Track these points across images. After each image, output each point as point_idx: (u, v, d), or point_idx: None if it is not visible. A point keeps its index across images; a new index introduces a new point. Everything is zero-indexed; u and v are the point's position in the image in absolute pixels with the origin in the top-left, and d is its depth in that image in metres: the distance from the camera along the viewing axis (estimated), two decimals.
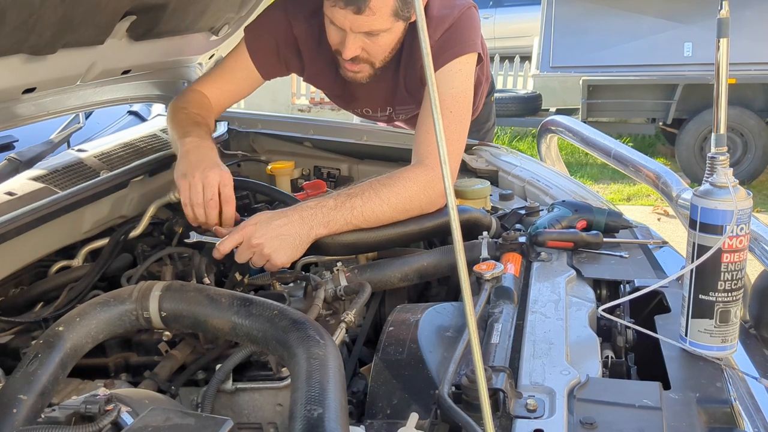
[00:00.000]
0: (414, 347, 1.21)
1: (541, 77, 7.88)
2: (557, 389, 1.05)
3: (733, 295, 1.15)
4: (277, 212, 1.53)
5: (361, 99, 2.12)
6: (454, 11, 1.81)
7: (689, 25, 6.97)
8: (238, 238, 1.48)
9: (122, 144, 1.99)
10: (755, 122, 6.98)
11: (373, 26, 1.69)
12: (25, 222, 1.45)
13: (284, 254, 1.48)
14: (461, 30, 1.80)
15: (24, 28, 1.31)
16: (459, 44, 1.78)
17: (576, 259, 1.56)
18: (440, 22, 1.78)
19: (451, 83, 1.76)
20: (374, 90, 2.00)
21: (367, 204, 1.57)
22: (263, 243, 1.47)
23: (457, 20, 1.80)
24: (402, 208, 1.61)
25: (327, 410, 0.92)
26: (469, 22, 1.82)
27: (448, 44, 1.77)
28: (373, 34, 1.72)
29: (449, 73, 1.76)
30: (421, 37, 0.71)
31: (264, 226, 1.48)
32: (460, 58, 1.77)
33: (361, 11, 1.64)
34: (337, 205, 1.55)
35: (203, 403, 1.20)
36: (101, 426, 0.88)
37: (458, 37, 1.79)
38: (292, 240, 1.49)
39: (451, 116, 1.73)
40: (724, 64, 1.13)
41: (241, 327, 1.19)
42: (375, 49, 1.76)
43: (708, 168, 1.16)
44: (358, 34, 1.71)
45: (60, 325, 1.17)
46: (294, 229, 1.49)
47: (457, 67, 1.77)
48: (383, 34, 1.72)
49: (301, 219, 1.51)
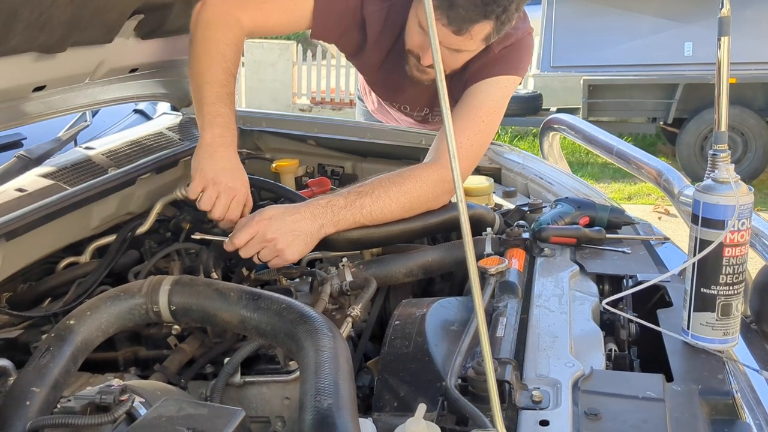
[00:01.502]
0: (420, 340, 1.23)
1: (542, 77, 7.89)
2: (562, 381, 1.07)
3: (735, 289, 1.16)
4: (289, 208, 1.55)
5: (404, 95, 2.15)
6: (518, 32, 1.86)
7: (690, 24, 6.99)
8: (252, 232, 1.49)
9: (129, 142, 2.01)
10: (755, 121, 6.99)
11: (464, 47, 1.72)
12: (35, 218, 1.46)
13: (296, 250, 1.50)
14: (519, 51, 1.87)
15: (35, 26, 1.33)
16: (513, 63, 1.84)
17: (579, 255, 1.58)
18: (504, 38, 1.81)
19: (493, 96, 1.81)
20: (420, 90, 2.04)
21: (377, 203, 1.59)
22: (277, 238, 1.48)
23: (518, 41, 1.86)
24: (410, 206, 1.63)
25: (337, 401, 0.94)
26: (527, 47, 1.90)
27: (504, 59, 1.83)
28: (459, 51, 1.75)
29: (495, 86, 1.81)
30: (432, 41, 0.73)
31: (278, 222, 1.50)
32: (509, 76, 1.83)
33: (460, 33, 1.67)
34: (347, 204, 1.57)
35: (212, 397, 1.22)
36: (116, 416, 0.89)
37: (514, 57, 1.85)
38: (304, 236, 1.51)
39: (482, 125, 1.77)
40: (725, 62, 1.15)
41: (249, 320, 1.20)
42: (453, 62, 1.79)
43: (710, 164, 1.17)
44: (448, 49, 1.73)
45: (71, 318, 1.19)
46: (306, 225, 1.51)
47: (504, 83, 1.82)
48: (467, 53, 1.76)
49: (313, 216, 1.53)
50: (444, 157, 1.69)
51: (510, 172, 2.26)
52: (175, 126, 2.26)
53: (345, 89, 10.68)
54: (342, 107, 10.69)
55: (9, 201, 1.50)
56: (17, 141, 1.85)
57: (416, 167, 1.70)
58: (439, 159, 1.71)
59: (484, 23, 1.65)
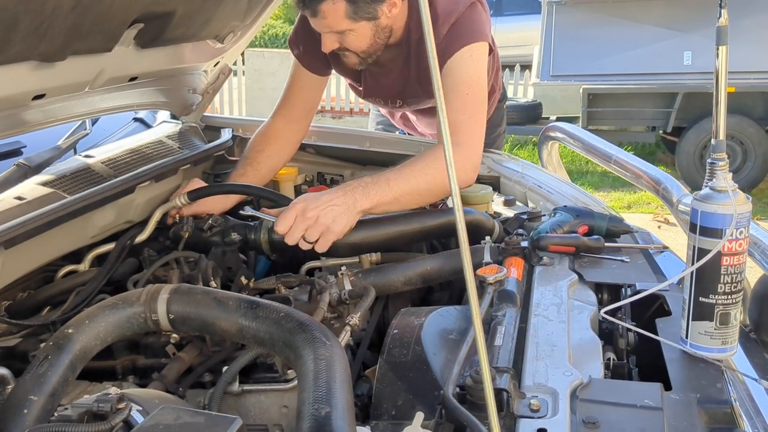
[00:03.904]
0: (418, 349, 1.23)
1: (542, 86, 7.90)
2: (560, 390, 1.07)
3: (733, 298, 1.16)
4: (320, 192, 1.63)
5: (373, 90, 2.22)
6: (459, 6, 1.91)
7: (689, 33, 7.00)
8: (292, 214, 1.56)
9: (128, 150, 2.01)
10: (755, 130, 6.99)
11: (331, 27, 1.82)
12: (34, 226, 1.46)
13: (340, 222, 1.58)
14: (468, 22, 1.91)
15: (35, 35, 1.33)
16: (467, 34, 1.89)
17: (578, 264, 1.58)
18: (446, 18, 1.88)
19: (463, 69, 1.87)
20: (385, 82, 2.13)
21: (401, 178, 1.68)
22: (319, 214, 1.55)
23: (462, 15, 1.90)
24: (434, 180, 1.70)
25: (334, 409, 0.94)
26: (475, 16, 1.93)
27: (455, 36, 1.88)
28: (341, 32, 1.83)
29: (460, 60, 1.87)
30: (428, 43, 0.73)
31: (315, 201, 1.58)
32: (469, 46, 1.88)
33: (315, 15, 1.79)
34: (374, 181, 1.66)
35: (210, 405, 1.22)
36: (113, 424, 0.89)
37: (465, 29, 1.89)
38: (344, 209, 1.59)
39: (467, 98, 1.84)
40: (723, 71, 1.15)
41: (248, 329, 1.20)
42: (350, 43, 1.88)
43: (708, 173, 1.18)
44: (329, 33, 1.84)
45: (69, 327, 1.19)
46: (341, 200, 1.60)
47: (468, 53, 1.88)
48: (349, 32, 1.83)
49: (344, 192, 1.62)
50: (456, 137, 1.76)
51: (509, 180, 2.26)
52: (175, 134, 2.26)
53: (345, 98, 10.70)
54: (342, 116, 10.70)
55: (8, 209, 1.50)
56: (17, 149, 1.85)
57: (433, 149, 1.80)
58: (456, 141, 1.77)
59: (328, 1, 1.75)
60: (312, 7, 1.78)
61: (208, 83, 2.34)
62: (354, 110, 10.71)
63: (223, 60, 2.32)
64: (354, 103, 10.70)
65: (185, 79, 2.22)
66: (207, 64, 2.26)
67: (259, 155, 2.12)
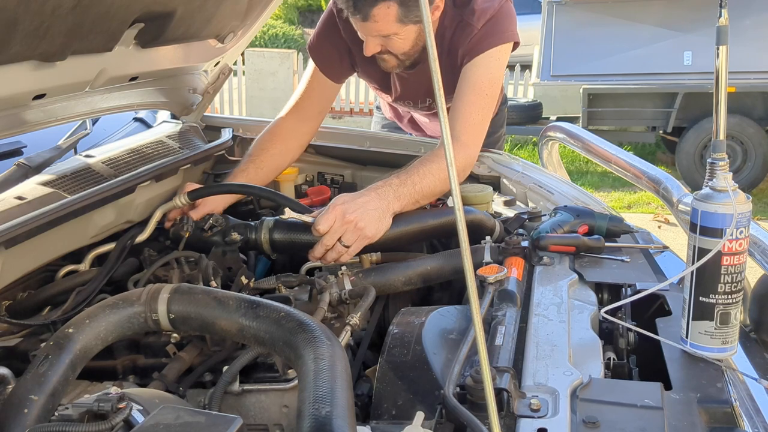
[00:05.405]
0: (419, 349, 1.23)
1: (542, 86, 7.90)
2: (560, 389, 1.07)
3: (733, 297, 1.16)
4: (355, 194, 1.67)
5: (404, 91, 2.25)
6: (495, 3, 1.97)
7: (689, 34, 7.01)
8: (332, 217, 1.59)
9: (129, 150, 2.01)
10: (755, 130, 6.99)
11: (380, 31, 1.84)
12: (35, 226, 1.46)
13: (376, 226, 1.62)
14: (502, 20, 1.97)
15: (35, 35, 1.33)
16: (500, 33, 1.96)
17: (578, 263, 1.58)
18: (483, 13, 1.95)
19: (490, 68, 1.95)
20: (415, 83, 2.17)
21: (424, 180, 1.75)
22: (357, 218, 1.59)
23: (498, 11, 1.97)
24: (447, 185, 1.76)
25: (335, 408, 0.94)
26: (508, 13, 2.00)
27: (490, 32, 1.95)
28: (386, 36, 1.87)
29: (489, 59, 1.94)
30: (427, 30, 0.74)
31: (352, 204, 1.61)
32: (500, 46, 1.95)
33: (366, 19, 1.80)
34: (401, 182, 1.72)
35: (210, 405, 1.22)
36: (114, 423, 0.89)
37: (500, 27, 1.96)
38: (379, 213, 1.63)
39: (486, 98, 1.93)
40: (723, 71, 1.15)
41: (248, 329, 1.20)
42: (393, 46, 1.92)
43: (708, 173, 1.18)
44: (375, 37, 1.88)
45: (70, 327, 1.19)
46: (376, 204, 1.64)
47: (497, 55, 1.95)
48: (394, 35, 1.87)
49: (378, 196, 1.66)
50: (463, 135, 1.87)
51: (509, 180, 2.26)
52: (175, 134, 2.26)
53: (345, 98, 10.70)
54: (342, 116, 10.70)
55: (8, 209, 1.50)
56: (17, 149, 1.85)
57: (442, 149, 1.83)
58: (459, 137, 1.88)
59: (382, 5, 1.77)
60: (364, 12, 1.78)
61: (209, 83, 2.34)
62: (354, 110, 10.72)
63: (223, 60, 2.31)
64: (354, 103, 10.71)
65: (186, 78, 2.22)
66: (207, 64, 2.26)
67: (264, 153, 2.12)
